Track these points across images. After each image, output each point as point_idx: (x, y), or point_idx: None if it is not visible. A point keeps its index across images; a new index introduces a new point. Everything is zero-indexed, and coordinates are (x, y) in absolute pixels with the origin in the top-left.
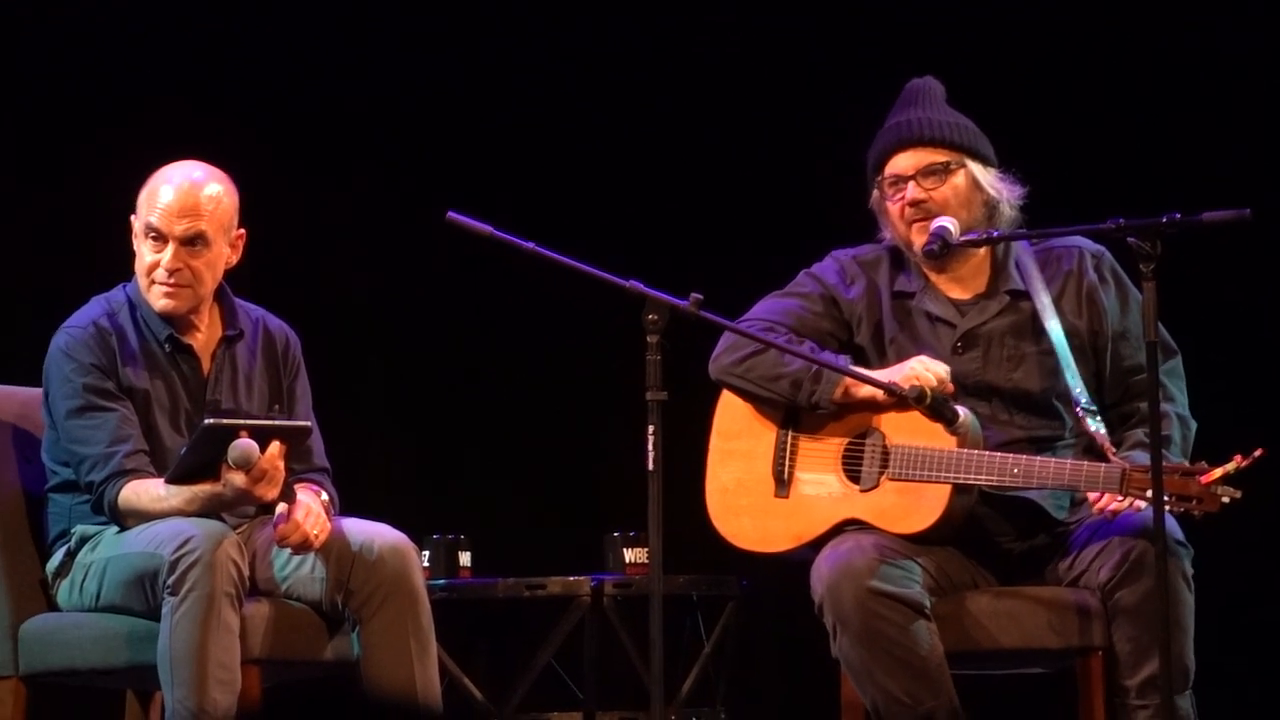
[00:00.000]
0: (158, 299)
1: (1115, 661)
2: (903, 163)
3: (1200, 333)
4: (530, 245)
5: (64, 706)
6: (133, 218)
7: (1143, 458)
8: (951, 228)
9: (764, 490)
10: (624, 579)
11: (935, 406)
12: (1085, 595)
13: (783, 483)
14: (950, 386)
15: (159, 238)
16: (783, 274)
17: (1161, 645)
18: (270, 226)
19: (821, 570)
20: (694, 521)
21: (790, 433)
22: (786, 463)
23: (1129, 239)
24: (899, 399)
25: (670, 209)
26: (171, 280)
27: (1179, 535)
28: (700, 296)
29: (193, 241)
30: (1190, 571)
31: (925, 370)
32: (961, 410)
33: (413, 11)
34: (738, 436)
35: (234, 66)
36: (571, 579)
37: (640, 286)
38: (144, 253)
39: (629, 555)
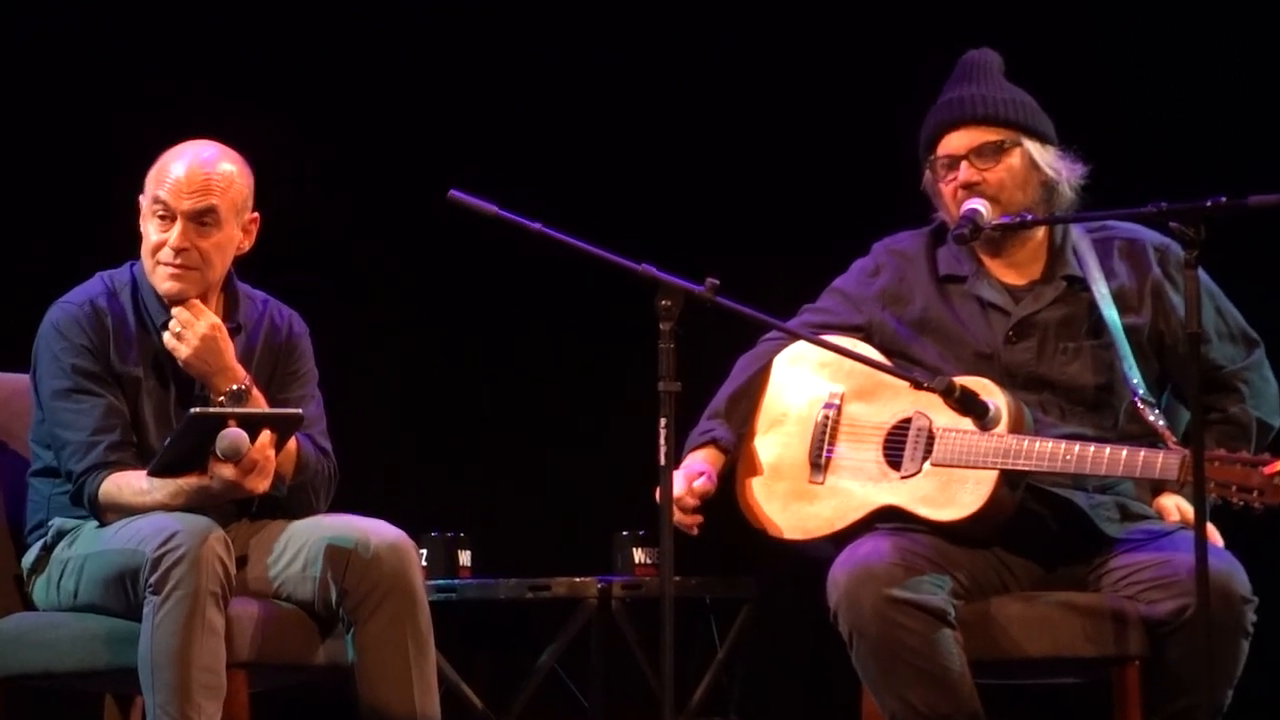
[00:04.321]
0: (162, 281)
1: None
2: (955, 142)
3: (1269, 316)
4: (537, 226)
5: (40, 711)
6: (140, 198)
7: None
8: (984, 210)
9: (799, 475)
10: (633, 580)
11: (964, 400)
12: (1122, 602)
13: (819, 467)
14: None
15: (166, 215)
16: (806, 259)
17: (1204, 682)
18: (268, 214)
19: (837, 576)
20: (708, 520)
21: (833, 416)
22: (825, 447)
23: (1171, 223)
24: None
25: (687, 190)
26: (178, 261)
27: (1245, 590)
28: (716, 281)
29: (202, 219)
30: (1252, 620)
31: None
32: (992, 404)
33: None
34: (779, 421)
35: (242, 47)
36: (578, 580)
37: (653, 271)
38: (150, 231)
39: (638, 555)
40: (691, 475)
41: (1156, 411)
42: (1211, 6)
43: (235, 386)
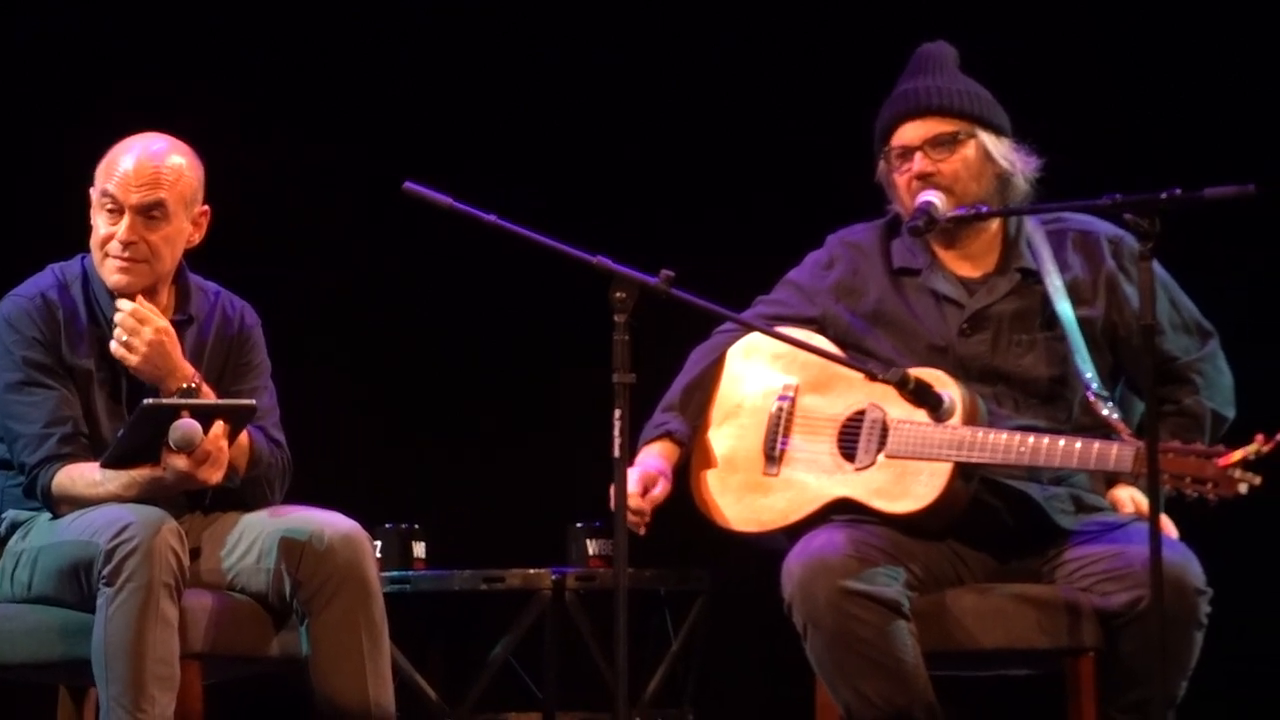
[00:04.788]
0: (111, 274)
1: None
2: (910, 133)
3: (1224, 308)
4: (492, 218)
5: None
6: (90, 190)
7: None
8: (938, 202)
9: (753, 467)
10: (587, 572)
11: (918, 391)
12: (1076, 594)
13: (773, 459)
14: None
15: (115, 208)
16: (761, 251)
17: (1156, 674)
18: (219, 205)
19: (792, 568)
20: (663, 512)
21: (787, 407)
22: (779, 439)
23: (1125, 215)
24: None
25: (642, 181)
26: (126, 254)
27: (1199, 583)
28: (671, 273)
29: (150, 212)
30: (1206, 612)
31: None
32: (946, 395)
33: None
34: (733, 413)
35: (193, 37)
36: (531, 571)
37: (608, 262)
38: (99, 224)
39: (592, 547)
40: (648, 480)
41: (1110, 404)
42: None
43: (185, 385)
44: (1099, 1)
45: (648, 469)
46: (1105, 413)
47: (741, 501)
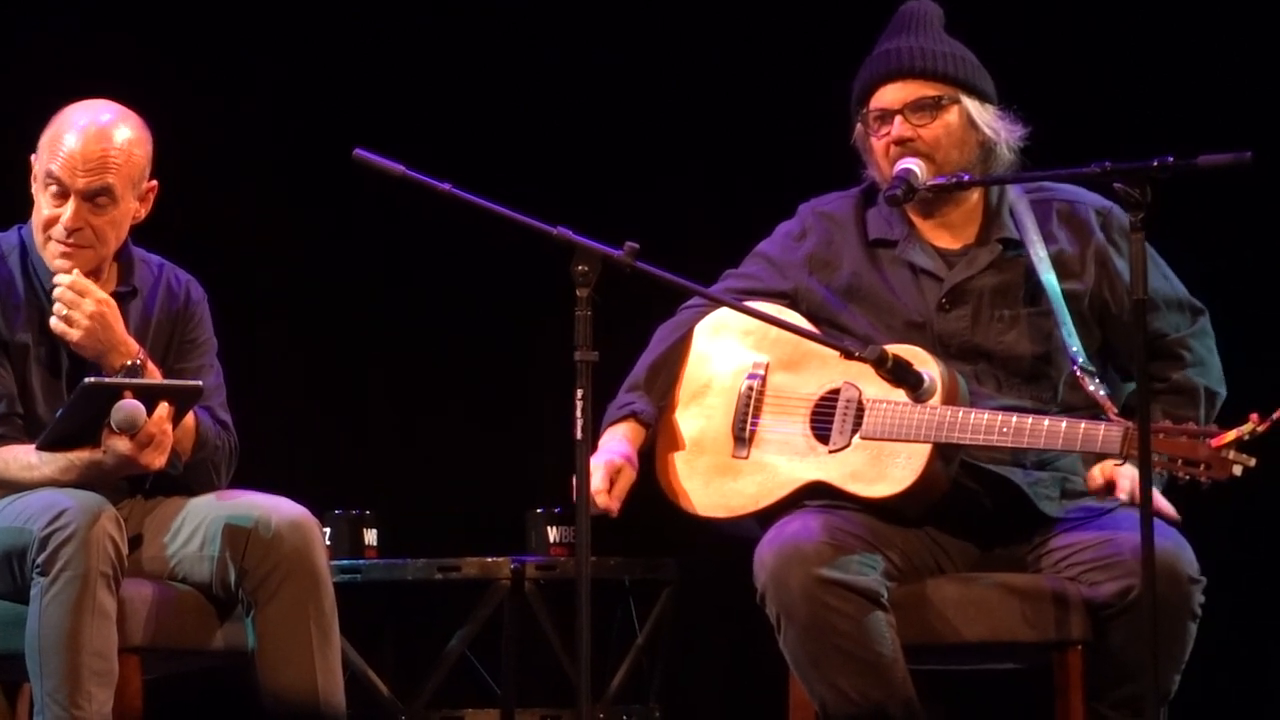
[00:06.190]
0: (53, 258)
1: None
2: (890, 95)
3: (1216, 284)
4: (446, 186)
5: None
6: (33, 158)
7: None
8: (918, 170)
9: (722, 450)
10: (548, 560)
11: (897, 370)
12: (1063, 583)
13: (742, 441)
14: None
15: (60, 191)
16: (729, 222)
17: (1148, 666)
18: (168, 175)
19: (764, 556)
20: (627, 497)
21: (757, 386)
22: (749, 419)
23: (1115, 184)
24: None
25: (605, 149)
26: (70, 240)
27: (1193, 571)
28: (636, 245)
29: (97, 197)
30: (1200, 602)
31: None
32: (927, 374)
33: None
34: (700, 393)
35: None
36: (489, 560)
37: (568, 234)
38: (42, 204)
39: (553, 534)
40: (612, 469)
41: (1097, 381)
42: None
43: (129, 362)
44: None
45: (612, 456)
46: (1091, 389)
47: (710, 485)
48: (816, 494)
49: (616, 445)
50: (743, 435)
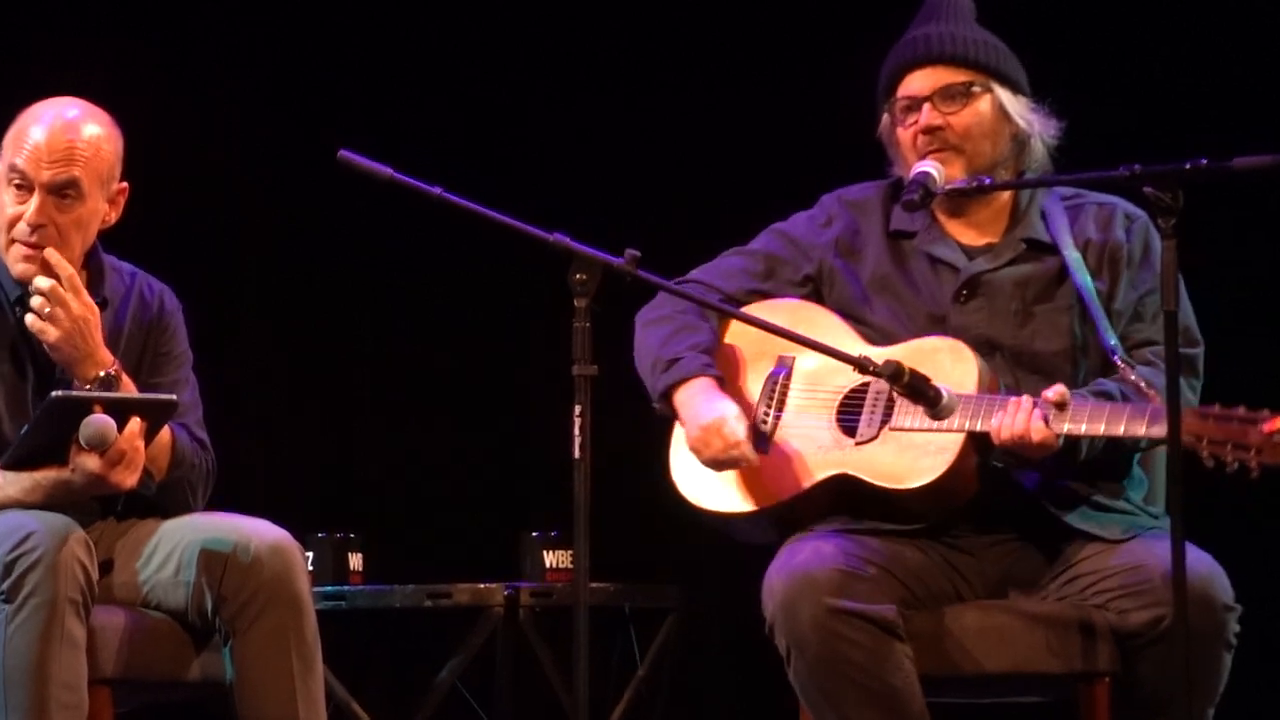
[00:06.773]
0: (16, 261)
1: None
2: (918, 83)
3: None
4: (437, 191)
5: None
6: None
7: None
8: (935, 173)
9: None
10: (543, 587)
11: (913, 385)
12: (1089, 611)
13: (763, 436)
14: None
15: (24, 185)
16: (733, 229)
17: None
18: (140, 178)
19: (774, 583)
20: (627, 519)
21: (783, 379)
22: (772, 413)
23: (1145, 188)
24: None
25: (605, 154)
26: (34, 239)
27: (1227, 598)
28: (637, 253)
29: (63, 191)
30: (1235, 631)
31: None
32: (945, 391)
33: None
34: (729, 382)
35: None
36: (482, 586)
37: (567, 241)
38: (5, 202)
39: (550, 559)
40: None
41: (1137, 370)
42: None
43: (102, 373)
44: None
45: (725, 414)
46: (1134, 378)
47: (726, 480)
48: (838, 489)
49: (725, 402)
50: (763, 429)
